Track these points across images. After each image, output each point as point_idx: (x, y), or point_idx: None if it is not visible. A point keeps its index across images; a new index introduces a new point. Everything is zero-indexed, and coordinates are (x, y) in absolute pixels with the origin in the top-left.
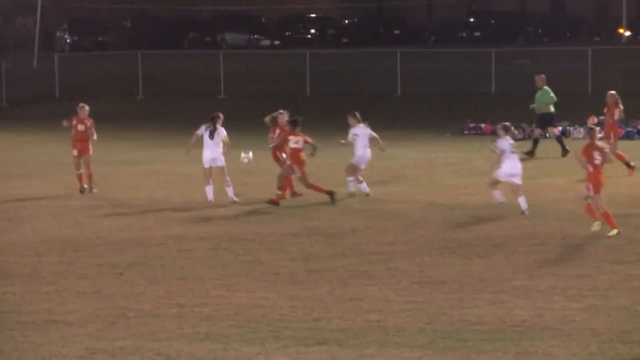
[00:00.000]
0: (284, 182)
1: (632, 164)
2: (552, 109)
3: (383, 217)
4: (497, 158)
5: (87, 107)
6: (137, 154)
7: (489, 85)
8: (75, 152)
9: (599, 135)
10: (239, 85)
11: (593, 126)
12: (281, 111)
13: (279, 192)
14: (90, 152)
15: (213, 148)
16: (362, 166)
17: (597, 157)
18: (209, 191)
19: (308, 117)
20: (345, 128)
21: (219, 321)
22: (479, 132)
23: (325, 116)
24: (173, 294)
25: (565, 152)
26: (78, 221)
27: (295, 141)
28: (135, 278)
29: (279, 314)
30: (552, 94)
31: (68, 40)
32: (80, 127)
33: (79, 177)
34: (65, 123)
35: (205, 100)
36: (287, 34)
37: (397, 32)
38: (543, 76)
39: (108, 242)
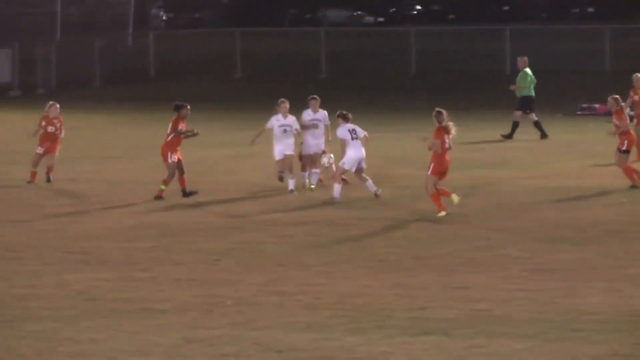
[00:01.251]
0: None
1: None
2: (532, 92)
3: (492, 201)
4: (342, 147)
5: (57, 105)
6: (234, 136)
7: (603, 64)
8: (40, 150)
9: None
10: (341, 64)
11: (441, 109)
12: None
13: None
14: (57, 151)
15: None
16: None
17: (446, 141)
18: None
19: (413, 97)
20: (452, 108)
21: (320, 310)
22: (593, 112)
23: (431, 97)
24: (272, 282)
25: (544, 135)
26: (173, 205)
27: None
28: (233, 265)
29: (382, 303)
30: (530, 77)
31: (163, 18)
32: (51, 129)
33: (33, 175)
34: (33, 131)
35: (305, 80)
36: (391, 10)
37: (506, 8)
38: (525, 58)
39: (204, 227)
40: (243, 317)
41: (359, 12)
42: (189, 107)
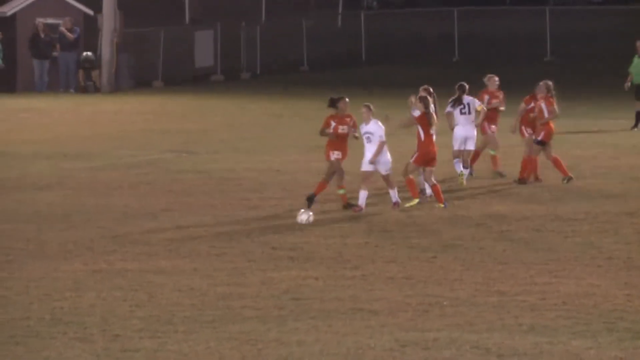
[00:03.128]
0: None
1: None
2: None
3: None
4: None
5: (496, 78)
6: None
7: None
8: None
9: None
10: (568, 45)
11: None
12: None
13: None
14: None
15: (465, 125)
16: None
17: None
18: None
19: None
20: None
21: (545, 311)
22: None
23: None
24: (493, 281)
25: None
26: (384, 196)
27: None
28: (450, 262)
29: (612, 304)
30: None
31: None
32: (495, 103)
33: (495, 160)
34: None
35: (529, 63)
36: None
37: None
38: None
39: (419, 222)
40: (461, 319)
41: None
42: (346, 99)
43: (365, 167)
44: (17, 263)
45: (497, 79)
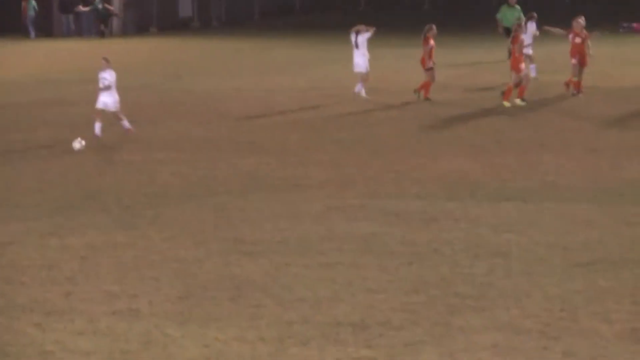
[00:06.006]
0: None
1: None
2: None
3: (553, 99)
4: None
5: (580, 20)
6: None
7: None
8: (574, 61)
9: None
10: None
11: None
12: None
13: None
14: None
15: (358, 55)
16: None
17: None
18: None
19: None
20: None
21: (427, 183)
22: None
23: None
24: (391, 163)
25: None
26: (316, 105)
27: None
28: (361, 150)
29: (474, 177)
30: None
31: None
32: (577, 40)
33: (577, 84)
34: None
35: (410, 11)
36: None
37: None
38: None
39: (338, 121)
40: (369, 190)
41: None
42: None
43: (98, 105)
44: (57, 156)
45: (580, 20)
